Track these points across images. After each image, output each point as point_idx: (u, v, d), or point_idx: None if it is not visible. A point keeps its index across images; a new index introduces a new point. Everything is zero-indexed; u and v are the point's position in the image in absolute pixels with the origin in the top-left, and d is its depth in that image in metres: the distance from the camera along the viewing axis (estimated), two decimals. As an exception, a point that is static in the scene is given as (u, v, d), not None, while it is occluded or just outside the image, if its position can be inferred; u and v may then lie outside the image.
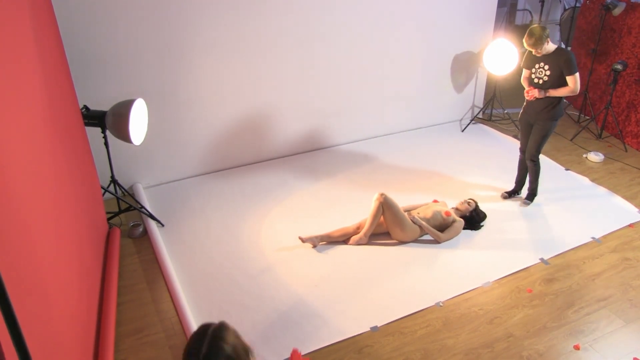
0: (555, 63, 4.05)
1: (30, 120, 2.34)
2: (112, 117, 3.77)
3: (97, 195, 3.97)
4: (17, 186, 1.96)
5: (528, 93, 4.23)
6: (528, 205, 4.59)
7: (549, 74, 4.11)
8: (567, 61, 3.99)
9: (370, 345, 3.16)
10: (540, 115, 4.25)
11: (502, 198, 4.72)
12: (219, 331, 1.66)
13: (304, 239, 3.98)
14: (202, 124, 4.89)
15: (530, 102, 4.30)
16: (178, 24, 4.41)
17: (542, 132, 4.30)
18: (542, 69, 4.13)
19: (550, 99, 4.17)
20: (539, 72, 4.17)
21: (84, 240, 3.12)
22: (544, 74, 4.13)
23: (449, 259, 3.93)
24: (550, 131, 4.30)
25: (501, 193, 4.77)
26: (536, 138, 4.35)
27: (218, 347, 1.61)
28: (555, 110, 4.20)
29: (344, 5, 5.06)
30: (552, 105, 4.18)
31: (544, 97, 4.15)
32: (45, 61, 2.88)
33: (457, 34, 5.91)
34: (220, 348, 1.61)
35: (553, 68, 4.07)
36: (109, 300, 3.30)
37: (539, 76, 4.17)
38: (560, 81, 4.08)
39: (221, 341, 1.62)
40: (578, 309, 3.45)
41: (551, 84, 4.11)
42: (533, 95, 4.18)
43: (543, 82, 4.15)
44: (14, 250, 1.80)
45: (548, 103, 4.18)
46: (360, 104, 5.68)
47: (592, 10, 6.25)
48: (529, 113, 4.37)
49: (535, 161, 4.45)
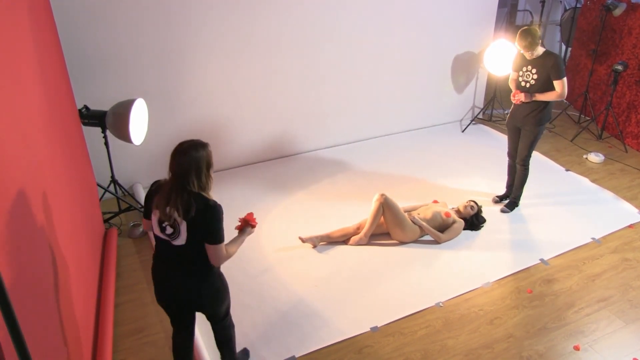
0: (543, 67, 3.94)
1: (28, 120, 2.34)
2: (113, 117, 3.77)
3: (94, 195, 3.97)
4: (15, 186, 1.96)
5: (514, 97, 4.14)
6: (507, 213, 4.49)
7: (536, 78, 4.00)
8: (555, 65, 3.89)
9: (370, 345, 3.16)
10: (527, 120, 4.15)
11: (493, 202, 4.66)
12: (199, 141, 2.30)
13: (304, 239, 3.98)
14: (202, 124, 4.89)
15: (517, 106, 4.20)
16: (178, 23, 4.41)
17: (530, 137, 4.20)
18: (530, 72, 4.03)
19: (537, 103, 4.06)
20: (526, 75, 4.06)
21: (81, 240, 3.12)
22: (531, 78, 4.03)
23: (449, 259, 3.93)
24: (539, 135, 4.21)
25: (492, 198, 4.71)
26: (525, 143, 4.25)
27: (194, 145, 2.28)
28: (542, 115, 4.10)
29: (343, 7, 5.06)
30: (538, 109, 4.08)
31: (531, 101, 4.07)
32: (43, 62, 2.88)
33: (458, 34, 5.91)
34: (196, 147, 2.27)
35: (540, 72, 3.96)
36: (106, 300, 3.30)
37: (526, 79, 4.06)
38: (547, 85, 3.97)
39: (200, 147, 2.28)
40: (578, 310, 3.45)
41: (538, 87, 4.01)
42: (519, 99, 4.09)
43: (530, 85, 4.05)
44: (13, 250, 1.80)
45: (535, 107, 4.08)
46: (360, 104, 5.68)
47: (593, 10, 6.26)
48: (515, 117, 4.27)
49: (525, 165, 4.36)
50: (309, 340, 3.18)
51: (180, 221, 2.26)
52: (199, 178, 2.26)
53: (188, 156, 2.24)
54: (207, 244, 2.30)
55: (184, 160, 2.23)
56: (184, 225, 2.26)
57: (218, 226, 2.29)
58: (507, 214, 4.50)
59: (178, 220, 2.26)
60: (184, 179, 2.24)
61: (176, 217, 2.25)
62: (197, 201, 2.25)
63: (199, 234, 2.28)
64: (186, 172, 2.23)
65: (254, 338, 3.18)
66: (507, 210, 4.52)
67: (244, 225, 2.58)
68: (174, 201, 2.24)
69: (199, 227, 2.27)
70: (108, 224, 4.23)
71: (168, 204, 2.25)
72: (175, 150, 2.28)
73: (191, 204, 2.23)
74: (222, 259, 2.35)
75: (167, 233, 2.31)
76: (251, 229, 2.58)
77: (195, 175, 2.25)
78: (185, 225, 2.26)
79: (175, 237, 2.30)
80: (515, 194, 4.52)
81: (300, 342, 3.16)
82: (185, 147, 2.27)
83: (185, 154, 2.24)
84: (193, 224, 2.26)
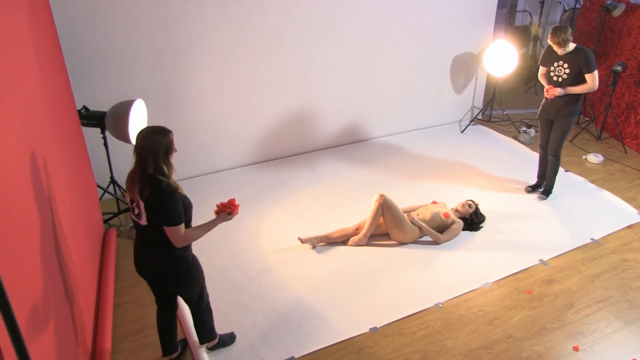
0: (575, 61, 4.15)
1: (27, 121, 2.34)
2: (112, 118, 3.77)
3: (94, 196, 3.97)
4: (14, 187, 1.96)
5: (548, 92, 4.30)
6: (544, 200, 4.71)
7: (568, 72, 4.21)
8: (587, 59, 4.10)
9: (370, 346, 3.16)
10: (560, 112, 4.35)
11: (526, 192, 4.85)
12: (161, 127, 2.43)
13: (304, 239, 3.99)
14: (201, 125, 4.89)
15: (550, 100, 4.38)
16: (178, 24, 4.41)
17: (563, 129, 4.41)
18: (562, 67, 4.23)
19: (570, 96, 4.26)
20: (557, 70, 4.26)
21: (81, 240, 3.12)
22: (563, 72, 4.23)
23: (448, 260, 3.93)
24: (570, 127, 4.42)
25: (524, 187, 4.90)
26: (558, 135, 4.45)
27: (155, 131, 2.41)
28: (575, 107, 4.32)
29: (343, 7, 5.07)
30: (571, 102, 4.29)
31: (564, 94, 4.24)
32: (43, 62, 2.88)
33: (457, 35, 5.91)
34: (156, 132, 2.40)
35: (572, 66, 4.17)
36: (105, 301, 3.30)
37: (558, 74, 4.27)
38: (579, 79, 4.18)
39: (160, 133, 2.40)
40: (577, 310, 3.45)
41: (569, 81, 4.22)
42: (553, 94, 4.26)
43: (562, 80, 4.26)
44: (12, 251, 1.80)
45: (567, 100, 4.29)
46: (360, 105, 5.68)
47: (592, 11, 6.26)
48: (548, 110, 4.46)
49: (557, 156, 4.56)
50: (309, 340, 3.18)
51: (140, 202, 2.40)
52: (156, 162, 2.37)
53: (147, 140, 2.38)
54: (164, 226, 2.41)
55: (143, 144, 2.37)
56: (142, 205, 2.41)
57: (171, 209, 2.38)
58: (543, 200, 4.71)
59: (139, 201, 2.40)
60: (143, 161, 2.38)
61: (138, 199, 2.40)
62: (152, 184, 2.37)
63: (156, 215, 2.40)
64: (144, 156, 2.37)
65: (253, 338, 3.18)
66: (544, 197, 4.73)
67: (221, 210, 2.60)
68: (134, 182, 2.40)
69: (154, 209, 2.40)
70: (107, 225, 4.23)
71: (130, 185, 2.43)
72: (137, 133, 2.42)
73: (146, 186, 2.36)
74: (180, 242, 2.44)
75: (135, 213, 2.48)
76: (227, 215, 2.60)
77: (153, 159, 2.37)
78: (143, 206, 2.41)
79: (140, 217, 2.45)
80: (549, 183, 4.73)
81: (300, 343, 3.16)
82: (147, 131, 2.41)
83: (145, 138, 2.39)
84: (150, 205, 2.39)
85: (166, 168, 2.41)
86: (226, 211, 2.59)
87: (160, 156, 2.38)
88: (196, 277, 2.67)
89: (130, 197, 2.44)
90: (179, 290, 2.69)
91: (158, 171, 2.39)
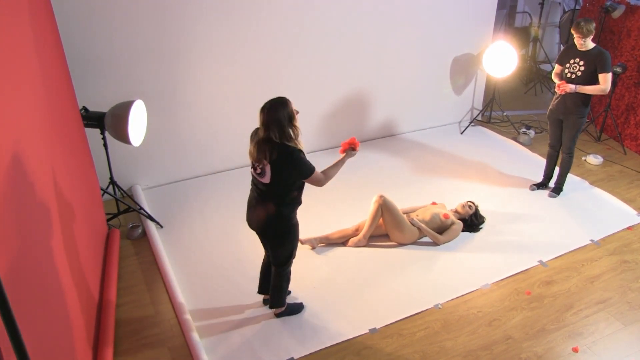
0: (592, 59, 4.17)
1: (30, 121, 2.34)
2: (111, 119, 3.77)
3: (97, 196, 3.97)
4: (17, 187, 1.96)
5: (559, 87, 4.31)
6: (554, 198, 4.74)
7: (583, 70, 4.22)
8: (604, 59, 4.12)
9: (369, 347, 3.16)
10: (571, 111, 4.37)
11: (530, 190, 4.86)
12: (279, 100, 2.79)
13: (303, 240, 3.98)
14: (201, 126, 4.89)
15: (560, 99, 4.39)
16: (178, 25, 4.41)
17: (575, 127, 4.44)
18: (577, 64, 4.25)
19: (580, 97, 4.28)
20: (573, 67, 4.28)
21: (83, 241, 3.11)
22: (578, 69, 4.25)
23: (448, 261, 3.93)
24: (582, 126, 4.45)
25: (529, 185, 4.91)
26: (570, 134, 4.48)
27: (274, 105, 2.78)
28: (585, 107, 4.34)
29: (343, 8, 5.07)
30: (582, 102, 4.30)
31: (575, 92, 4.25)
32: (45, 62, 2.88)
33: (457, 36, 5.92)
34: (281, 104, 2.78)
35: (587, 64, 4.19)
36: (108, 302, 3.30)
37: (573, 71, 4.28)
38: (592, 79, 4.20)
39: (279, 105, 2.77)
40: (577, 312, 3.46)
41: (583, 79, 4.23)
42: (564, 89, 4.27)
43: (576, 77, 4.27)
44: (14, 251, 1.80)
45: (578, 101, 4.30)
46: (359, 106, 5.68)
47: (592, 12, 6.27)
48: (557, 110, 4.48)
49: (571, 154, 4.61)
50: (308, 341, 3.18)
51: (265, 164, 2.79)
52: (282, 130, 2.76)
53: (269, 115, 2.75)
54: (304, 179, 2.89)
55: (267, 119, 2.75)
56: (268, 167, 2.79)
57: (303, 166, 2.84)
58: (554, 198, 4.75)
59: (265, 163, 2.79)
60: (268, 131, 2.76)
61: (263, 161, 2.79)
62: (278, 150, 2.76)
63: (283, 175, 2.81)
64: (269, 127, 2.75)
65: (253, 339, 3.18)
66: (554, 195, 4.77)
67: (346, 148, 3.05)
68: (261, 148, 2.78)
69: (283, 170, 2.80)
70: (108, 226, 4.23)
71: (256, 151, 2.80)
72: (261, 108, 2.80)
73: (273, 152, 2.76)
74: (322, 182, 2.97)
75: (256, 172, 2.88)
76: (352, 152, 3.07)
77: (279, 129, 2.75)
78: (269, 167, 2.79)
79: (262, 176, 2.84)
80: (560, 181, 4.77)
81: (299, 344, 3.16)
82: (267, 106, 2.78)
83: (267, 113, 2.76)
84: (276, 167, 2.79)
85: (292, 132, 2.79)
86: (350, 148, 3.04)
87: (286, 125, 2.75)
88: (290, 239, 3.04)
89: (255, 160, 2.82)
90: (274, 245, 3.06)
91: (285, 137, 2.76)
